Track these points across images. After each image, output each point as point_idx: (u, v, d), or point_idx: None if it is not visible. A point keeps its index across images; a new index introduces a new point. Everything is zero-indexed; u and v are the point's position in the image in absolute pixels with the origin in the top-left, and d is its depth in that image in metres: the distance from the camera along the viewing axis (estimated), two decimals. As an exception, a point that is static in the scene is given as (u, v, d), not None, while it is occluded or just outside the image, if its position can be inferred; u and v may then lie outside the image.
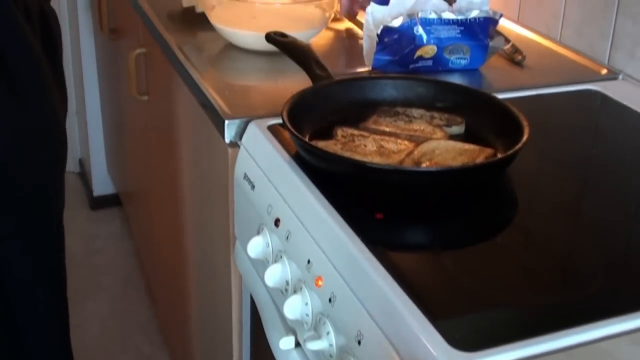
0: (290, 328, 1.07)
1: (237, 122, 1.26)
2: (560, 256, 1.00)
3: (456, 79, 1.44)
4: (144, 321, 2.43)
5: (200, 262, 1.66)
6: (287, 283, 1.05)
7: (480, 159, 1.10)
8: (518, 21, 1.77)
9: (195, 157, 1.58)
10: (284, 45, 1.37)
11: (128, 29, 2.18)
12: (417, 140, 1.16)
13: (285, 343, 1.06)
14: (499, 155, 1.11)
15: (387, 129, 1.19)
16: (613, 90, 1.44)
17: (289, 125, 1.10)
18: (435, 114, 1.23)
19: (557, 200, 1.12)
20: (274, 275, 1.06)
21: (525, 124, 1.11)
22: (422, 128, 1.19)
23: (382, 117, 1.22)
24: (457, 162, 1.10)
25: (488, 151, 1.13)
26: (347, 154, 1.10)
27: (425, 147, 1.13)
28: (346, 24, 1.72)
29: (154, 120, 2.01)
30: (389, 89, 1.26)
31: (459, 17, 1.45)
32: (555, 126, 1.34)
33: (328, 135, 1.17)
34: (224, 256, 1.38)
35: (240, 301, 1.36)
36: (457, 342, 0.78)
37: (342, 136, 1.16)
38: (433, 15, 1.43)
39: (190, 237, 1.72)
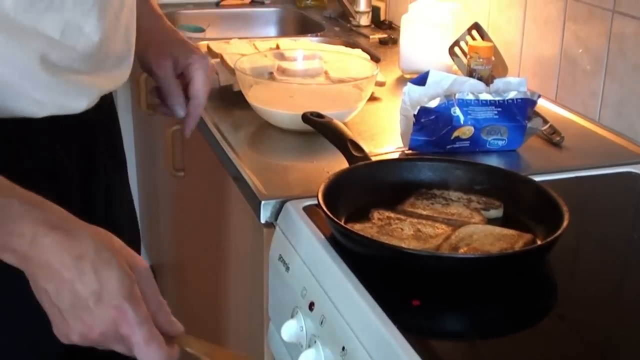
0: (325, 415, 1.05)
1: (272, 202, 1.26)
2: (601, 345, 0.98)
3: (493, 160, 1.43)
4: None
5: (233, 341, 1.64)
6: (322, 369, 1.03)
7: (519, 245, 1.08)
8: (555, 101, 1.76)
9: (231, 235, 1.58)
10: (320, 126, 1.37)
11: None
12: (455, 224, 1.14)
13: None
14: (538, 241, 1.09)
15: (424, 212, 1.18)
16: (652, 172, 1.42)
17: (325, 208, 1.10)
18: (473, 197, 1.22)
19: (597, 286, 1.10)
20: (308, 360, 1.05)
21: (565, 209, 1.10)
22: (459, 211, 1.18)
23: (419, 200, 1.21)
24: (495, 247, 1.08)
25: (527, 237, 1.11)
26: (384, 238, 1.09)
27: (463, 231, 1.12)
28: (383, 103, 1.73)
29: (190, 196, 2.01)
30: (426, 171, 1.25)
31: (497, 98, 1.44)
32: (595, 209, 1.32)
33: (364, 216, 1.16)
34: (258, 336, 1.37)
35: (274, 384, 1.34)
36: None
37: (379, 219, 1.15)
38: (470, 96, 1.43)
39: (224, 314, 1.71)
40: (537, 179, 1.22)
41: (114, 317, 0.86)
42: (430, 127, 1.43)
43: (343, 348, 0.98)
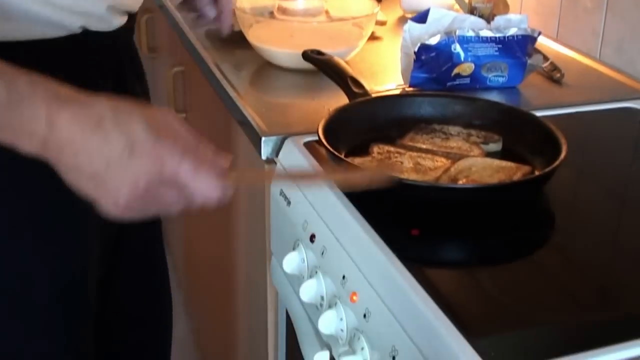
0: (325, 343, 1.07)
1: (273, 139, 1.27)
2: (598, 275, 0.99)
3: (494, 97, 1.44)
4: (180, 337, 2.43)
5: (238, 277, 1.66)
6: (322, 298, 1.05)
7: (517, 177, 1.10)
8: (557, 39, 1.76)
9: (234, 174, 1.59)
10: (320, 63, 1.37)
11: (166, 47, 2.20)
12: (454, 157, 1.15)
13: (320, 358, 1.05)
14: (537, 173, 1.10)
15: (424, 146, 1.19)
16: (652, 108, 1.43)
17: (325, 142, 1.11)
18: (473, 132, 1.22)
19: (595, 218, 1.11)
20: (309, 290, 1.06)
21: (563, 141, 1.11)
22: (459, 145, 1.19)
23: (418, 135, 1.22)
24: (494, 179, 1.09)
25: (525, 169, 1.12)
26: (383, 171, 1.10)
27: (462, 164, 1.13)
28: (384, 42, 1.73)
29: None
30: (426, 107, 1.26)
31: (497, 35, 1.44)
32: (594, 144, 1.33)
33: (364, 152, 1.17)
34: (261, 271, 1.39)
35: (276, 316, 1.36)
36: (492, 358, 0.78)
37: (379, 153, 1.16)
38: (471, 33, 1.43)
39: (228, 252, 1.73)
40: (537, 114, 1.22)
41: (153, 160, 0.84)
42: (431, 64, 1.43)
43: (343, 277, 0.99)
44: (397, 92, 1.45)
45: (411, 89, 1.45)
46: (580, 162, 1.24)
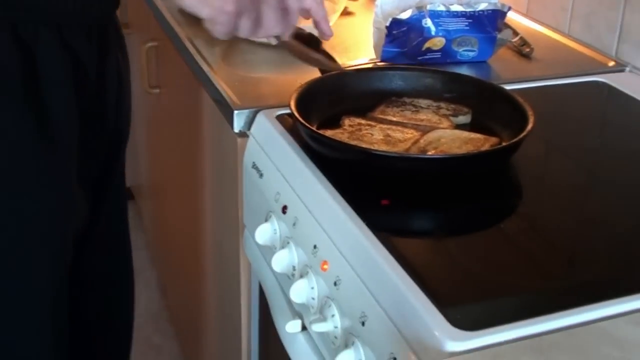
0: (296, 312, 1.09)
1: (246, 112, 1.28)
2: (563, 242, 1.02)
3: (464, 71, 1.45)
4: (154, 312, 2.45)
5: (210, 252, 1.68)
6: (294, 268, 1.07)
7: (485, 148, 1.11)
8: (527, 14, 1.78)
9: (206, 148, 1.60)
10: (292, 37, 1.38)
11: (140, 23, 2.20)
12: (424, 129, 1.17)
13: (292, 326, 1.07)
14: (504, 144, 1.12)
15: (394, 119, 1.20)
16: (620, 82, 1.45)
17: (297, 115, 1.12)
18: (442, 104, 1.24)
19: (561, 188, 1.14)
20: (281, 260, 1.08)
21: (530, 112, 1.12)
22: (428, 117, 1.21)
23: (389, 107, 1.23)
24: (462, 150, 1.11)
25: (493, 140, 1.14)
26: (354, 143, 1.11)
27: (432, 136, 1.15)
28: (357, 17, 1.74)
29: (166, 113, 2.03)
30: (397, 80, 1.28)
31: (467, 10, 1.46)
32: (562, 117, 1.35)
33: (335, 124, 1.18)
34: (234, 244, 1.40)
35: (249, 288, 1.38)
36: (459, 322, 0.80)
37: (350, 125, 1.17)
38: (441, 8, 1.44)
39: (201, 227, 1.74)
40: (507, 88, 1.24)
41: None
42: (402, 39, 1.45)
43: (314, 246, 1.01)
44: (369, 66, 1.47)
45: (383, 63, 1.46)
46: (548, 135, 1.26)
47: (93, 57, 1.26)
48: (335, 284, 0.95)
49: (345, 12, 1.71)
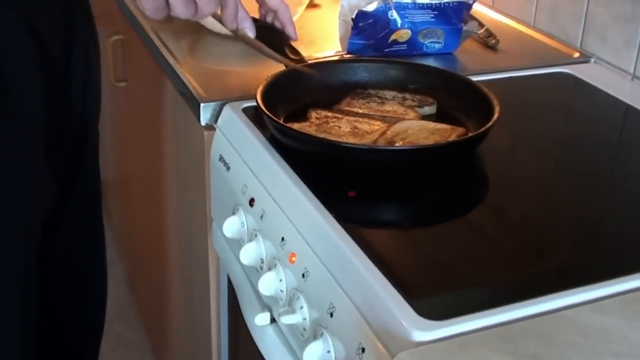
0: (265, 305, 1.09)
1: (212, 105, 1.28)
2: (529, 231, 1.02)
3: (430, 63, 1.46)
4: (123, 308, 2.44)
5: (179, 246, 1.67)
6: (262, 261, 1.07)
7: (452, 138, 1.12)
8: (492, 6, 1.79)
9: (173, 142, 1.59)
10: (258, 30, 1.38)
11: (105, 16, 2.18)
12: (390, 121, 1.17)
13: (261, 319, 1.07)
14: (471, 134, 1.13)
15: (360, 111, 1.21)
16: (585, 73, 1.46)
17: (263, 107, 1.12)
18: (408, 95, 1.25)
19: (527, 178, 1.14)
20: (249, 253, 1.08)
21: (495, 102, 1.13)
22: (394, 109, 1.21)
23: (355, 99, 1.24)
24: (429, 141, 1.11)
25: (460, 130, 1.15)
26: (322, 135, 1.11)
27: (398, 127, 1.15)
28: (323, 10, 1.74)
29: (132, 106, 2.02)
30: (362, 72, 1.28)
31: (433, 2, 1.46)
32: (528, 108, 1.36)
33: (302, 117, 1.18)
34: (202, 238, 1.40)
35: (217, 282, 1.37)
36: (426, 312, 0.80)
37: (316, 118, 1.17)
38: (407, 0, 1.45)
39: (169, 221, 1.73)
40: (473, 79, 1.25)
41: None
42: (368, 31, 1.45)
43: (282, 238, 1.01)
44: (335, 58, 1.47)
45: (349, 55, 1.47)
46: (514, 126, 1.27)
47: (59, 42, 1.25)
48: (303, 276, 0.95)
49: (312, 5, 1.71)
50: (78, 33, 1.30)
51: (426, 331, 0.78)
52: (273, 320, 1.08)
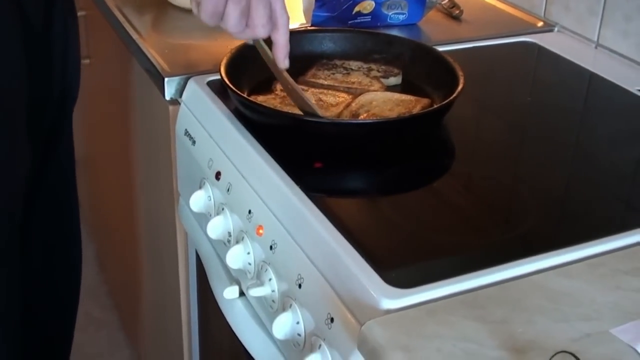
0: (234, 278, 1.09)
1: (176, 79, 1.27)
2: (496, 199, 1.03)
3: (395, 34, 1.45)
4: (93, 287, 2.43)
5: (147, 222, 1.66)
6: (230, 234, 1.06)
7: (416, 109, 1.12)
8: (456, -23, 1.78)
9: (139, 117, 1.58)
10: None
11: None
12: (355, 92, 1.17)
13: (230, 292, 1.07)
14: (435, 105, 1.13)
15: (326, 82, 1.20)
16: (549, 41, 1.47)
17: (227, 81, 1.11)
18: (373, 66, 1.24)
19: (493, 147, 1.15)
20: (216, 227, 1.08)
21: (460, 73, 1.13)
22: (359, 80, 1.21)
23: (320, 71, 1.23)
24: (394, 113, 1.11)
25: (425, 101, 1.15)
26: (286, 109, 1.11)
27: (363, 99, 1.15)
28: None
29: (97, 83, 2.00)
30: (327, 42, 1.27)
31: (397, -28, 1.46)
32: (492, 77, 1.37)
33: (267, 89, 1.18)
34: (169, 213, 1.39)
35: (186, 257, 1.37)
36: (394, 280, 0.80)
37: (281, 90, 1.17)
38: (371, -29, 1.44)
39: (137, 198, 1.72)
40: (437, 49, 1.25)
41: None
42: (332, 3, 1.44)
43: (249, 211, 1.01)
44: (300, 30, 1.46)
45: (313, 28, 1.46)
46: (479, 95, 1.27)
47: (40, 14, 1.24)
48: (271, 248, 0.95)
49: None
50: (58, 5, 1.29)
51: (394, 299, 0.78)
52: (242, 293, 1.07)
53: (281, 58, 1.08)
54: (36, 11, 1.23)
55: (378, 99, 1.15)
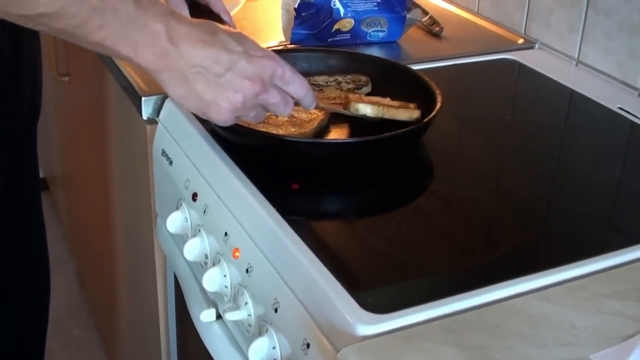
0: (211, 301, 1.08)
1: (154, 98, 1.25)
2: (475, 220, 1.02)
3: (374, 52, 1.45)
4: (74, 305, 2.41)
5: (125, 243, 1.65)
6: (206, 256, 1.05)
7: (415, 115, 1.11)
8: (436, -7, 1.78)
9: (117, 137, 1.57)
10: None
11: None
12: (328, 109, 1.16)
13: (206, 315, 1.05)
14: (413, 126, 1.11)
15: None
16: (529, 59, 1.46)
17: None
18: (339, 78, 1.23)
19: (473, 166, 1.14)
20: (193, 249, 1.06)
21: (438, 92, 1.12)
22: (333, 96, 1.19)
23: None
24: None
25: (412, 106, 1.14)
26: (260, 126, 1.09)
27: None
28: (266, 0, 1.72)
29: (76, 101, 1.99)
30: (301, 62, 1.26)
31: (376, -10, 1.45)
32: (473, 94, 1.36)
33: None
34: (147, 234, 1.38)
35: (164, 278, 1.36)
36: (370, 305, 0.79)
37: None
38: (350, -12, 1.44)
39: (116, 217, 1.71)
40: (417, 67, 1.24)
41: (267, 62, 0.95)
42: (311, 21, 1.43)
43: (226, 233, 1.00)
44: (278, 48, 1.45)
45: (292, 46, 1.45)
46: (459, 112, 1.26)
47: (5, 37, 1.23)
48: (247, 271, 0.94)
49: (256, -5, 1.69)
50: (24, 29, 1.28)
51: (370, 325, 0.77)
52: (219, 316, 1.06)
53: (307, 106, 1.05)
54: (3, 38, 1.22)
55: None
